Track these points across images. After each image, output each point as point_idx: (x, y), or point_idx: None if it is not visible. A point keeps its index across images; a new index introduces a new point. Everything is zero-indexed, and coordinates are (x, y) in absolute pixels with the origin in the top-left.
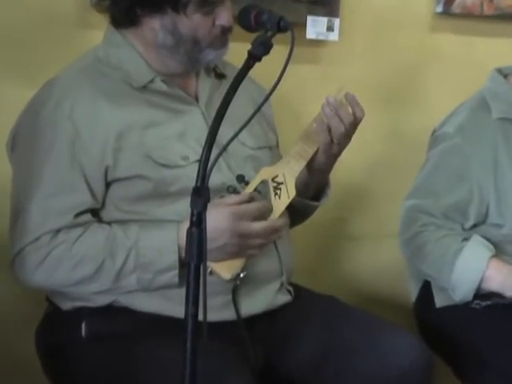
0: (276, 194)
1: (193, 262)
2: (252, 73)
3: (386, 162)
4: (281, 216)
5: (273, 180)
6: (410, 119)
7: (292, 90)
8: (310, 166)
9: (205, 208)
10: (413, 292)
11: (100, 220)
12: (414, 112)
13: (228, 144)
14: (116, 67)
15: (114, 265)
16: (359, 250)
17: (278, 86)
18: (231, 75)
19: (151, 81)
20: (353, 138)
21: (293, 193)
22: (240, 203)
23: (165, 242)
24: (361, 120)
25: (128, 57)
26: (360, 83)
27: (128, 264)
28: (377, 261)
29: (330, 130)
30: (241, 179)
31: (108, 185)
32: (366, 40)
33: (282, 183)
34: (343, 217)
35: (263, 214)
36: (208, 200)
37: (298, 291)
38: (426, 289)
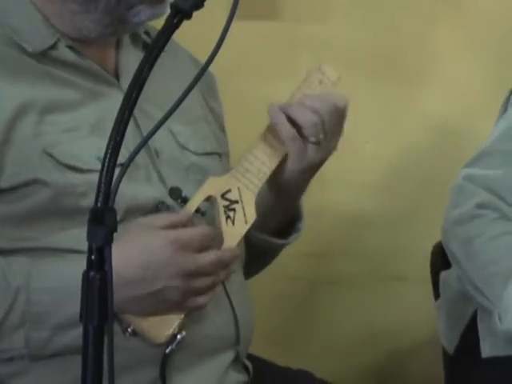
0: (228, 217)
1: (91, 322)
2: (182, 39)
3: (384, 167)
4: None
5: (223, 197)
6: (418, 100)
7: (240, 61)
8: (273, 181)
9: (108, 240)
10: (447, 339)
11: None
12: (425, 89)
13: (148, 138)
14: None
15: None
16: (348, 301)
17: (219, 57)
18: (169, 50)
19: (53, 46)
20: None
21: (252, 216)
22: (174, 225)
23: (69, 283)
24: (344, 109)
25: (18, 8)
26: (343, 49)
27: (13, 314)
28: (374, 316)
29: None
30: (176, 194)
31: None
32: None
33: (236, 202)
34: (321, 252)
35: (211, 245)
36: (114, 228)
37: (259, 366)
38: (470, 335)
